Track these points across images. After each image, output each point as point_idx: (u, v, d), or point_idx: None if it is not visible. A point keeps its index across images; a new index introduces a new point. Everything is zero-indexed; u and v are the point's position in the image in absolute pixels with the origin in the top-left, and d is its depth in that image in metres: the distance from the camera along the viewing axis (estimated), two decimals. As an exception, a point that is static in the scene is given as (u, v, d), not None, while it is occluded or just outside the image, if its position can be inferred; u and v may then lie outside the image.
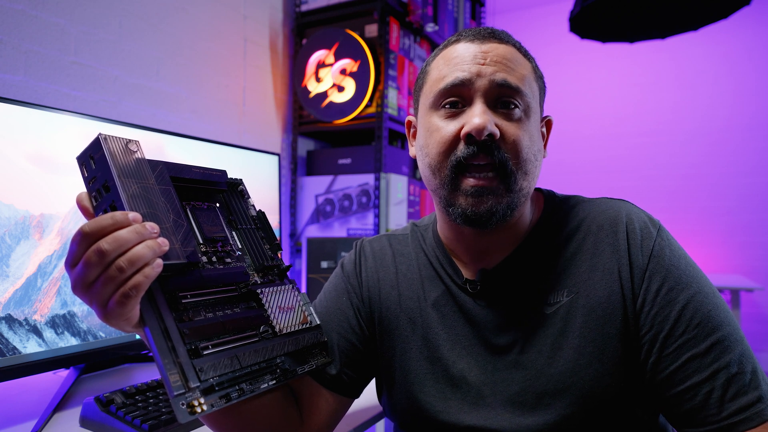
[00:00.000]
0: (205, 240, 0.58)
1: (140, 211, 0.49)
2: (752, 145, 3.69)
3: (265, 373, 0.56)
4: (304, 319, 0.63)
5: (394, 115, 1.98)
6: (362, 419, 0.87)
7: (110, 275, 0.44)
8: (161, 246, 0.46)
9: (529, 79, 0.66)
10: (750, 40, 3.70)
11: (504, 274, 0.69)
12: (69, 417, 0.82)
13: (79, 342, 0.90)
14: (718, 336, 0.58)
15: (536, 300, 0.66)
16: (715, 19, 1.82)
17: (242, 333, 0.55)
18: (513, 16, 4.46)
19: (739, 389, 0.55)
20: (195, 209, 0.60)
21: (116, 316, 0.45)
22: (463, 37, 0.68)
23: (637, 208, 0.67)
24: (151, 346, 0.47)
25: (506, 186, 0.63)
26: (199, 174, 0.61)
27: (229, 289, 0.57)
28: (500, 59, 0.64)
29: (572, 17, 1.85)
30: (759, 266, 3.64)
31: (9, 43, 1.20)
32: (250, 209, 0.67)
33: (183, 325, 0.50)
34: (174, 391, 0.46)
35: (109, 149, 0.51)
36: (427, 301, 0.73)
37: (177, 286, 0.51)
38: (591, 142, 4.17)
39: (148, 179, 0.53)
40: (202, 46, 1.74)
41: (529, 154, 0.64)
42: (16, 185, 0.82)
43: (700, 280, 0.62)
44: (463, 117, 0.64)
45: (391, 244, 0.80)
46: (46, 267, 0.87)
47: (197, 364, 0.48)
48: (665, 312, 0.60)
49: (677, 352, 0.59)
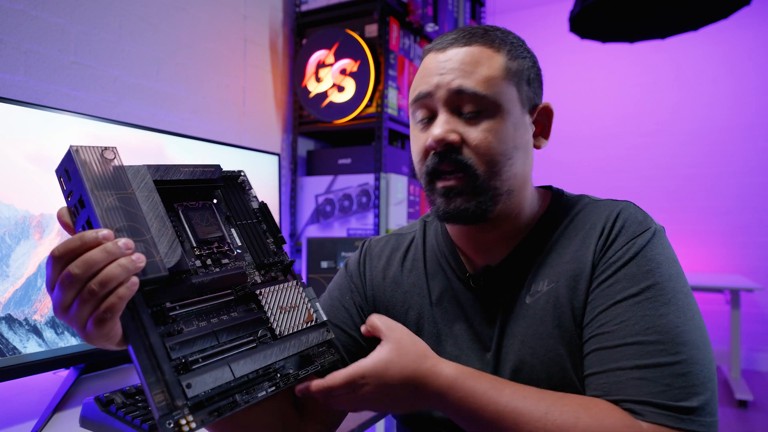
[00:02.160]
0: (199, 242, 0.55)
1: (117, 225, 0.46)
2: (752, 145, 3.69)
3: (263, 380, 0.53)
4: (309, 317, 0.60)
5: (394, 115, 1.98)
6: (362, 419, 0.87)
7: (84, 298, 0.42)
8: (135, 263, 0.43)
9: (494, 78, 0.64)
10: (750, 40, 3.70)
11: (506, 270, 0.70)
12: (69, 417, 0.82)
13: (79, 342, 0.90)
14: (660, 338, 0.55)
15: (523, 292, 0.67)
16: (715, 19, 1.82)
17: (238, 340, 0.52)
18: (513, 16, 4.46)
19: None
20: (188, 210, 0.57)
21: (96, 337, 0.44)
22: (431, 47, 0.69)
23: (637, 208, 0.67)
24: (135, 364, 0.45)
25: (472, 187, 0.64)
26: (189, 173, 0.58)
27: (225, 294, 0.54)
28: (458, 65, 0.65)
29: (572, 17, 1.85)
30: (759, 266, 3.64)
31: (9, 43, 1.20)
32: (251, 202, 0.64)
33: (170, 339, 0.47)
34: (159, 412, 0.43)
35: (81, 161, 0.48)
36: (432, 297, 0.74)
37: (166, 298, 0.49)
38: (591, 142, 4.17)
39: (126, 188, 0.50)
40: (202, 46, 1.74)
41: (496, 154, 0.64)
42: (16, 185, 0.82)
43: (669, 282, 0.59)
44: (431, 128, 0.66)
45: (399, 242, 0.82)
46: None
47: (184, 379, 0.45)
48: (602, 300, 0.60)
49: (590, 341, 0.60)
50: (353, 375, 0.55)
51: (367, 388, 0.55)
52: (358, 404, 0.57)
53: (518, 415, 0.54)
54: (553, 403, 0.54)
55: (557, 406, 0.54)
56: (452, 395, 0.56)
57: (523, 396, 0.55)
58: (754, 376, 3.47)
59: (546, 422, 0.53)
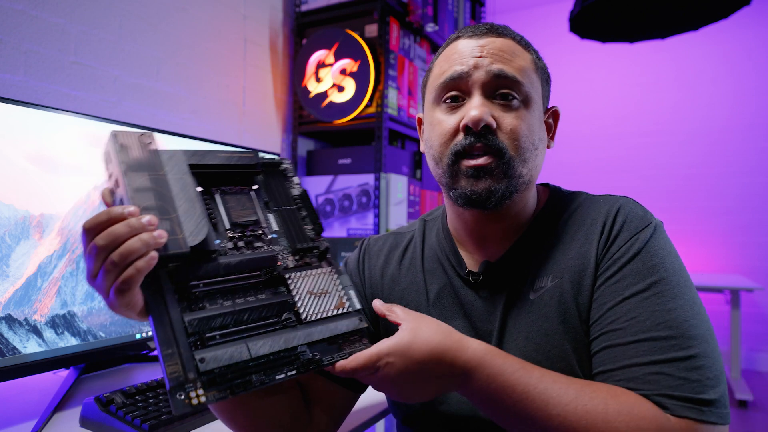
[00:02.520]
0: (233, 225, 0.56)
1: (146, 204, 0.49)
2: (752, 145, 3.69)
3: (284, 363, 0.52)
4: (341, 303, 0.59)
5: (394, 115, 1.98)
6: (362, 419, 0.87)
7: (107, 269, 0.45)
8: (156, 239, 0.46)
9: (528, 70, 0.67)
10: (750, 40, 3.70)
11: (506, 266, 0.70)
12: (69, 417, 0.82)
13: (79, 342, 0.90)
14: (674, 333, 0.56)
15: (526, 288, 0.67)
16: (715, 19, 1.82)
17: (261, 321, 0.52)
18: (513, 16, 4.46)
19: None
20: (225, 194, 0.58)
21: (117, 305, 0.47)
22: (462, 34, 0.70)
23: (636, 203, 0.67)
24: (153, 336, 0.47)
25: (503, 170, 0.64)
26: (225, 158, 0.59)
27: (253, 275, 0.55)
28: (497, 51, 0.66)
29: (572, 17, 1.85)
30: (759, 266, 3.64)
31: (9, 43, 1.20)
32: (292, 189, 0.64)
33: (189, 314, 0.48)
34: (170, 383, 0.45)
35: (120, 145, 0.51)
36: (429, 296, 0.74)
37: (191, 275, 0.50)
38: (591, 142, 4.17)
39: (158, 170, 0.52)
40: (202, 46, 1.74)
41: (527, 142, 0.65)
42: (16, 185, 0.82)
43: (674, 276, 0.60)
44: (462, 110, 0.66)
45: (397, 241, 0.82)
46: (46, 267, 0.87)
47: (198, 354, 0.47)
48: (610, 296, 0.60)
49: (600, 338, 0.60)
50: (376, 354, 0.54)
51: (392, 367, 0.54)
52: (383, 385, 0.56)
53: (548, 397, 0.54)
54: (581, 388, 0.54)
55: (586, 392, 0.54)
56: (481, 371, 0.55)
57: (552, 379, 0.55)
58: (754, 376, 3.47)
59: (576, 406, 0.53)
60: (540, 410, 0.53)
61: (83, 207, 0.92)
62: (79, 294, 0.91)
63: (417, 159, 2.22)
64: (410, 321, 0.57)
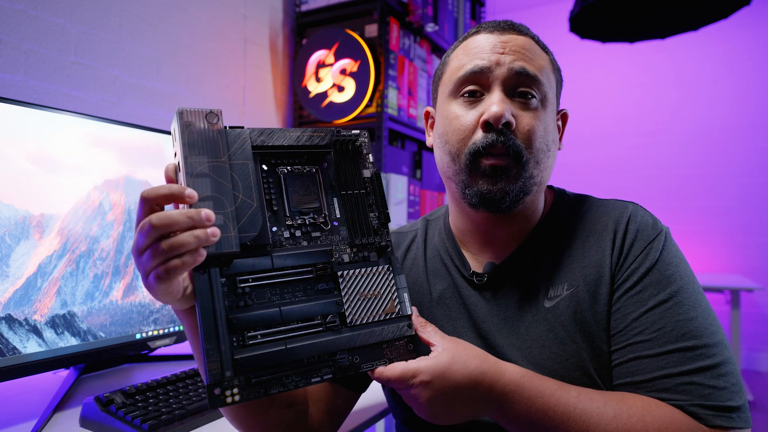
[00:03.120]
0: (292, 212, 0.55)
1: (203, 194, 0.48)
2: (752, 145, 3.69)
3: (321, 366, 0.51)
4: (392, 307, 0.56)
5: (394, 115, 1.98)
6: (362, 419, 0.87)
7: (154, 252, 0.45)
8: (209, 236, 0.45)
9: (546, 70, 0.67)
10: (750, 40, 3.70)
11: (511, 268, 0.69)
12: (69, 417, 0.82)
13: (79, 342, 0.90)
14: (693, 344, 0.57)
15: (538, 294, 0.66)
16: (715, 19, 1.82)
17: (305, 322, 0.52)
18: (513, 16, 4.46)
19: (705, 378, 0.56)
20: (290, 176, 0.56)
21: (155, 290, 0.47)
22: (483, 28, 0.70)
23: (645, 211, 0.68)
24: (199, 326, 0.47)
25: (519, 171, 0.64)
26: (294, 138, 0.57)
27: (305, 271, 0.53)
28: (519, 49, 0.66)
29: (572, 17, 1.85)
30: (759, 266, 3.64)
31: (9, 43, 1.20)
32: (365, 170, 0.61)
33: (235, 312, 0.49)
34: (209, 378, 0.46)
35: (184, 123, 0.50)
36: (432, 295, 0.74)
37: (242, 270, 0.50)
38: (591, 142, 4.17)
39: (220, 156, 0.50)
40: (202, 46, 1.74)
41: (542, 143, 0.65)
42: (16, 185, 0.82)
43: (690, 285, 0.62)
44: (481, 105, 0.65)
45: (399, 240, 0.82)
46: (46, 267, 0.87)
47: (239, 353, 0.47)
48: (633, 308, 0.61)
49: (626, 348, 0.60)
50: (413, 371, 0.53)
51: (427, 388, 0.53)
52: (414, 403, 0.54)
53: (588, 417, 0.54)
54: (618, 405, 0.55)
55: (623, 408, 0.54)
56: (519, 394, 0.55)
57: (589, 398, 0.55)
58: (754, 376, 3.47)
59: (617, 425, 0.53)
60: (581, 431, 0.54)
61: (83, 207, 0.92)
62: (79, 294, 0.91)
63: (417, 159, 2.21)
64: (447, 342, 0.56)
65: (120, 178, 0.98)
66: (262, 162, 0.55)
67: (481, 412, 0.56)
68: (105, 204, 0.96)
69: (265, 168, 0.55)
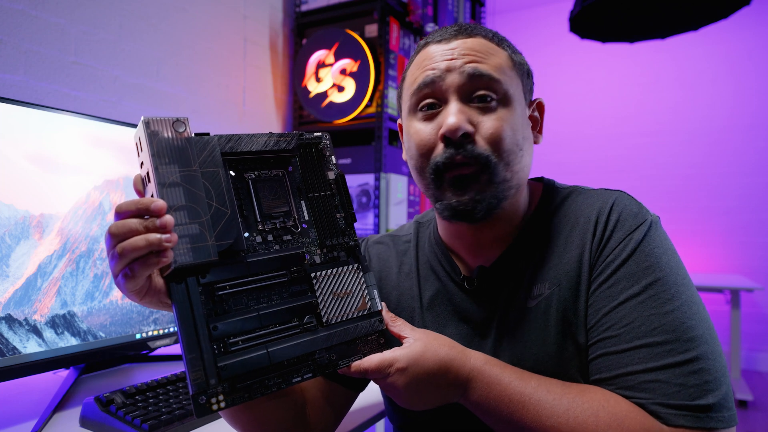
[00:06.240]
0: (263, 217, 0.55)
1: (176, 203, 0.48)
2: (752, 145, 3.69)
3: (300, 366, 0.53)
4: (363, 305, 0.59)
5: (394, 115, 1.98)
6: (362, 419, 0.87)
7: (112, 255, 0.47)
8: (163, 242, 0.46)
9: (504, 67, 0.65)
10: (750, 40, 3.70)
11: (500, 270, 0.68)
12: (69, 417, 0.82)
13: (79, 342, 0.90)
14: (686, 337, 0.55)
15: (523, 294, 0.66)
16: (715, 19, 1.82)
17: (283, 325, 0.53)
18: (513, 16, 4.46)
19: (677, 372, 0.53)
20: (258, 181, 0.57)
21: (123, 288, 0.48)
22: (430, 39, 0.68)
23: (631, 199, 0.66)
24: (179, 336, 0.48)
25: (488, 177, 0.62)
26: (261, 144, 0.57)
27: (279, 275, 0.54)
28: (469, 51, 0.64)
29: (572, 17, 1.85)
30: (759, 266, 3.64)
31: (9, 43, 1.20)
32: (329, 171, 0.61)
33: (215, 320, 0.49)
34: (193, 388, 0.46)
35: (151, 133, 0.49)
36: (423, 300, 0.73)
37: (219, 277, 0.51)
38: (591, 142, 4.17)
39: (191, 165, 0.51)
40: (202, 46, 1.74)
41: (510, 144, 0.63)
42: (16, 185, 0.82)
43: (671, 276, 0.58)
44: (440, 117, 0.64)
45: (395, 244, 0.81)
46: (46, 267, 0.87)
47: (221, 361, 0.48)
48: (605, 302, 0.59)
49: (596, 345, 0.59)
50: (389, 360, 0.55)
51: (402, 375, 0.55)
52: (392, 390, 0.56)
53: (541, 408, 0.54)
54: (574, 398, 0.55)
55: (578, 402, 0.54)
56: (480, 380, 0.56)
57: (547, 389, 0.56)
58: (754, 376, 3.47)
59: (568, 418, 0.53)
60: (534, 421, 0.54)
61: (83, 207, 0.92)
62: (79, 294, 0.91)
63: (417, 159, 2.21)
64: (418, 333, 0.59)
65: (120, 178, 0.98)
66: (229, 168, 0.56)
67: (449, 396, 0.57)
68: (105, 204, 0.96)
69: (233, 174, 0.56)
